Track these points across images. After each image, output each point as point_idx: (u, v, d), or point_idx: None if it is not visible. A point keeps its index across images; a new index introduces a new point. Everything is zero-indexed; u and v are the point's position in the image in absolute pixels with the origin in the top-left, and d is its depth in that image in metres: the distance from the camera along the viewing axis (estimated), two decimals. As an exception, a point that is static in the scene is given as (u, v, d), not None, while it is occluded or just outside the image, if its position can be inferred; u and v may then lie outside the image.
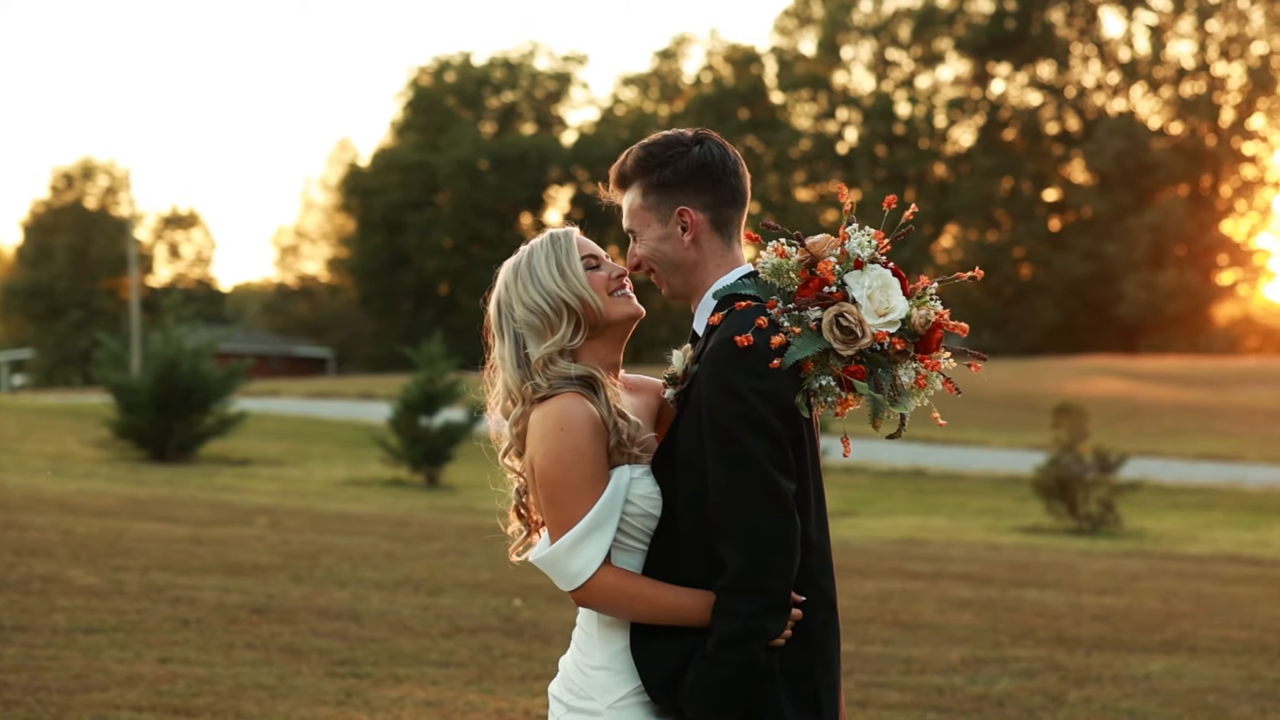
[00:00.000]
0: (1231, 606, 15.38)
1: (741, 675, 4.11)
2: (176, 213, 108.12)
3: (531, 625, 12.75)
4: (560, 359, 4.34)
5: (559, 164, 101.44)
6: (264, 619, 12.46)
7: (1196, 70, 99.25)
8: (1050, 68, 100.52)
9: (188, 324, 28.88)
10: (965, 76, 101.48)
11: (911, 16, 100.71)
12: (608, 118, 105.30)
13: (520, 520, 4.60)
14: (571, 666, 4.41)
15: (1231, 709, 10.74)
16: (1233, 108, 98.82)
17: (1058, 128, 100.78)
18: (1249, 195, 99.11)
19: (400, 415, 27.02)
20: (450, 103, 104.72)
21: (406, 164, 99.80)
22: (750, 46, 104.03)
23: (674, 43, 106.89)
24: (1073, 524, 24.20)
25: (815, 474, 4.29)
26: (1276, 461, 36.71)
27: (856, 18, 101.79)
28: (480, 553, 16.99)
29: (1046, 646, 12.77)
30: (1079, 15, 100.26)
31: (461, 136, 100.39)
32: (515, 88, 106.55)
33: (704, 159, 4.37)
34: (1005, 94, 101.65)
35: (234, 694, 9.98)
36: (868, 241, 4.28)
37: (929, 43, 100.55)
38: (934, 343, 4.28)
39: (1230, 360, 78.21)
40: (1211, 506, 28.63)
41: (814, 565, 4.25)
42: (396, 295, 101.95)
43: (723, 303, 4.29)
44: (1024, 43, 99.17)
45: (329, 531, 18.45)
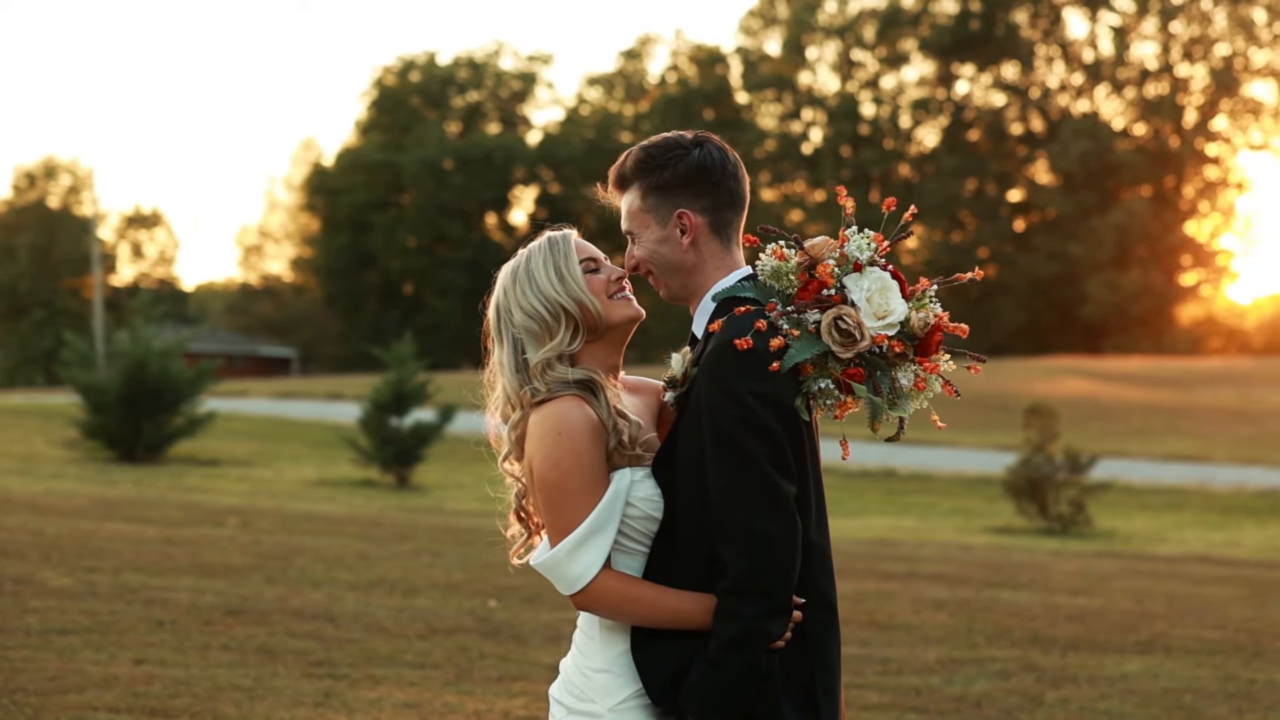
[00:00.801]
0: (1204, 607, 15.45)
1: (742, 677, 4.12)
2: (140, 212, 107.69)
3: (507, 626, 12.74)
4: (559, 363, 4.33)
5: (524, 164, 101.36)
6: (238, 620, 12.42)
7: (1160, 71, 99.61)
8: (1014, 68, 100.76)
9: (156, 324, 28.78)
10: (930, 77, 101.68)
11: (876, 17, 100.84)
12: (573, 118, 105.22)
13: (520, 523, 4.59)
14: (572, 669, 4.41)
15: (1208, 709, 10.77)
16: (1196, 109, 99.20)
17: (1022, 128, 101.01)
18: (1212, 196, 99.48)
19: (370, 416, 26.98)
20: (415, 102, 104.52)
21: (371, 163, 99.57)
22: (715, 47, 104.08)
23: (639, 43, 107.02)
24: (1043, 524, 24.28)
25: (815, 476, 4.29)
26: (1244, 462, 36.86)
27: (821, 18, 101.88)
28: (453, 553, 16.99)
29: (1022, 647, 12.80)
30: (1043, 16, 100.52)
31: (426, 136, 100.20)
32: (480, 87, 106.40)
33: (703, 162, 4.37)
34: (970, 95, 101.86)
35: (211, 695, 9.95)
36: (866, 244, 4.28)
37: (894, 43, 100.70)
38: (933, 345, 4.28)
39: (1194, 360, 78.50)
40: (1180, 507, 28.74)
41: (814, 567, 4.26)
42: (361, 295, 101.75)
43: (722, 305, 4.29)
44: (988, 44, 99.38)
45: (300, 532, 18.41)
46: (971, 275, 4.35)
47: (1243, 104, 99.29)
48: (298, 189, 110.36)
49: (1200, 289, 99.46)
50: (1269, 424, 46.50)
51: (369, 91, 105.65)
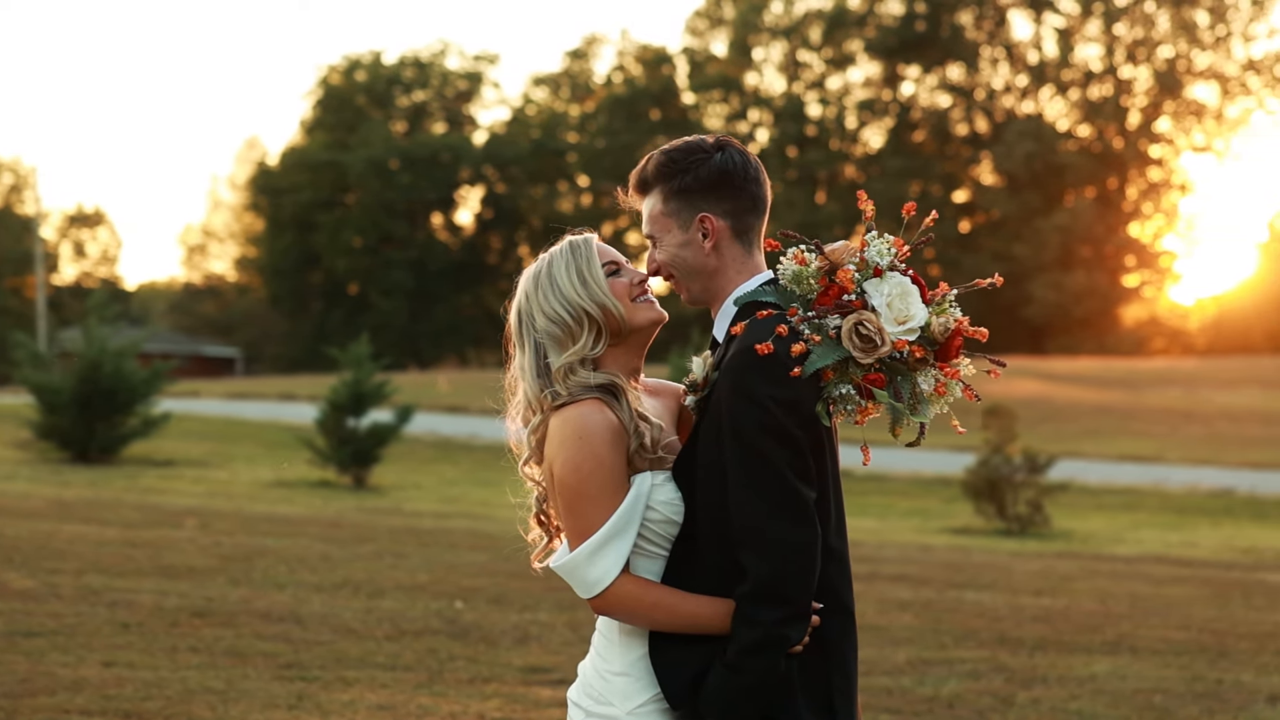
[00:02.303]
0: (1167, 607, 15.54)
1: (761, 683, 4.13)
2: (82, 211, 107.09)
3: (475, 628, 12.73)
4: (581, 368, 4.33)
5: (470, 164, 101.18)
6: (205, 622, 12.38)
7: (1103, 73, 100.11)
8: (960, 70, 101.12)
9: (110, 325, 28.62)
10: (875, 78, 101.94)
11: (822, 18, 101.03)
12: (519, 118, 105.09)
13: (541, 527, 4.58)
14: (591, 672, 4.42)
15: (1178, 710, 10.84)
16: (1139, 111, 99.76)
17: (967, 129, 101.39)
18: (1155, 198, 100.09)
19: (327, 416, 26.88)
20: (360, 101, 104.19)
21: (316, 163, 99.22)
22: (661, 47, 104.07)
23: (585, 43, 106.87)
24: (1001, 525, 24.39)
25: (835, 482, 4.31)
26: (1196, 462, 37.10)
27: (767, 19, 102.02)
28: (416, 555, 16.96)
29: (990, 648, 12.86)
30: (988, 18, 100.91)
31: (372, 135, 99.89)
32: (426, 87, 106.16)
33: (725, 166, 4.37)
34: (915, 96, 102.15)
35: (184, 698, 9.92)
36: (887, 249, 4.30)
37: (840, 44, 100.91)
38: (953, 350, 4.29)
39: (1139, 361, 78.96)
40: (1135, 507, 28.91)
41: (833, 573, 4.27)
42: (306, 295, 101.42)
43: (743, 310, 4.30)
44: (934, 45, 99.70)
45: (260, 533, 18.35)
46: (991, 281, 4.37)
47: (1185, 106, 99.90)
48: (242, 188, 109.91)
49: (1143, 290, 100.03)
50: (1218, 424, 46.81)
51: (314, 90, 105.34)
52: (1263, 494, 31.12)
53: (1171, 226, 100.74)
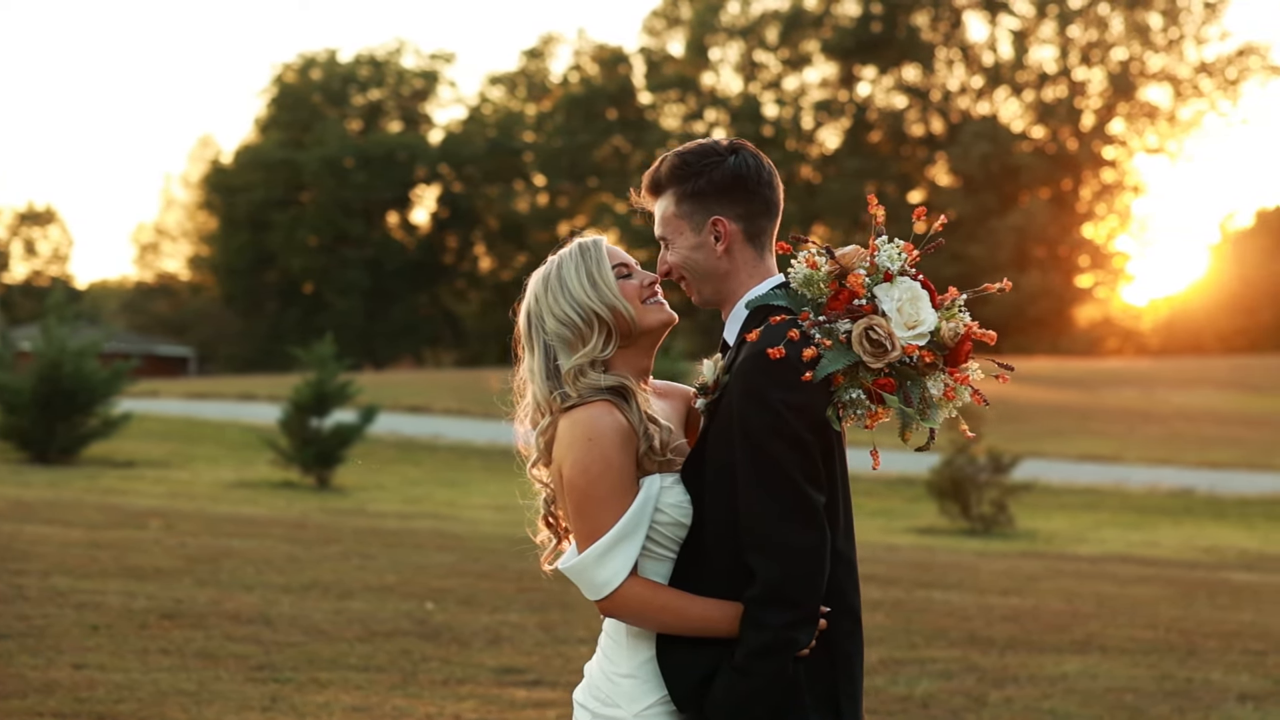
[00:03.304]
0: (1134, 606, 15.63)
1: (769, 686, 4.14)
2: (33, 209, 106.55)
3: (447, 629, 12.71)
4: (591, 370, 4.33)
5: (426, 162, 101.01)
6: (174, 624, 12.33)
7: (1058, 75, 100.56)
8: (915, 71, 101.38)
9: (69, 324, 28.44)
10: (832, 79, 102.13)
11: (779, 19, 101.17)
12: (475, 116, 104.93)
13: (549, 529, 4.58)
14: (598, 673, 4.41)
15: (1150, 709, 10.89)
16: (1093, 112, 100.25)
17: (923, 130, 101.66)
18: (1109, 199, 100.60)
19: (291, 417, 26.76)
20: (316, 100, 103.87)
21: (271, 161, 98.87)
22: (618, 47, 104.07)
23: (541, 42, 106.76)
24: (966, 525, 24.48)
25: (844, 486, 4.32)
26: (1155, 462, 37.31)
27: (724, 19, 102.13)
28: (383, 556, 16.92)
29: (961, 647, 12.90)
30: (944, 19, 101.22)
31: (327, 134, 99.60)
32: (382, 85, 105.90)
33: (739, 169, 4.38)
34: (871, 96, 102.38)
35: (156, 700, 9.88)
36: (897, 254, 4.31)
37: (796, 45, 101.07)
38: (963, 355, 4.30)
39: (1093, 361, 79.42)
40: (1097, 507, 29.06)
41: (840, 576, 4.28)
42: (261, 294, 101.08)
43: (755, 313, 4.30)
44: (890, 46, 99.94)
45: (225, 534, 18.27)
46: (1000, 286, 4.38)
47: (1139, 108, 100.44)
48: (195, 186, 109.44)
49: (1097, 291, 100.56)
50: (1175, 425, 47.09)
51: (269, 89, 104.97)
52: (1222, 494, 31.33)
53: (1125, 227, 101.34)
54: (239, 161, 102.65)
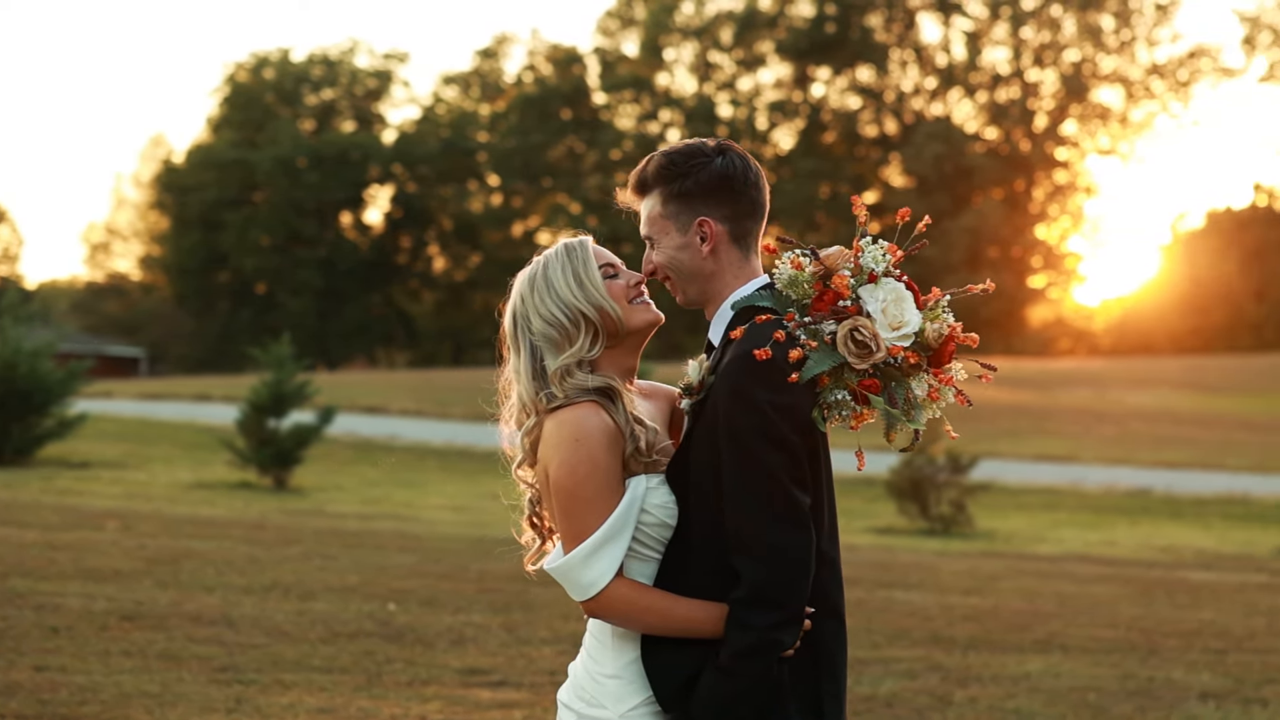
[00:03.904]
0: (1094, 606, 15.69)
1: (754, 687, 4.14)
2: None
3: (410, 630, 12.68)
4: (578, 370, 4.32)
5: (379, 162, 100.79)
6: (135, 626, 12.26)
7: (1011, 76, 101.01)
8: (869, 72, 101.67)
9: (24, 324, 28.25)
10: (786, 79, 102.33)
11: (733, 19, 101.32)
12: (429, 116, 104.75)
13: (534, 530, 4.57)
14: (583, 674, 4.41)
15: (1112, 707, 10.94)
16: (1046, 114, 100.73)
17: (876, 131, 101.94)
18: (1061, 200, 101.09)
19: (248, 417, 26.64)
20: (268, 99, 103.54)
21: (223, 161, 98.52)
22: (572, 47, 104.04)
23: (495, 42, 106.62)
24: (924, 524, 24.54)
25: (828, 487, 4.32)
26: (1111, 462, 37.50)
27: (679, 19, 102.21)
28: (344, 557, 16.87)
29: (924, 647, 12.93)
30: (897, 21, 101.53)
31: (280, 134, 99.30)
32: (335, 85, 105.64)
33: (726, 170, 4.37)
34: (825, 97, 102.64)
35: (119, 702, 9.83)
36: (881, 255, 4.32)
37: (750, 45, 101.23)
38: (946, 356, 4.32)
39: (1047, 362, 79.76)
40: (1055, 507, 29.19)
41: (825, 577, 4.29)
42: (213, 294, 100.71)
43: (740, 314, 4.30)
44: (844, 47, 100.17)
45: (184, 536, 18.19)
46: (984, 286, 4.40)
47: (1091, 109, 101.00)
48: (147, 186, 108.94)
49: (1049, 291, 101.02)
50: (1130, 424, 47.33)
51: (221, 88, 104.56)
52: (1178, 493, 31.54)
53: (1077, 228, 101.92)
54: (191, 161, 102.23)
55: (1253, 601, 16.44)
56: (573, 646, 12.25)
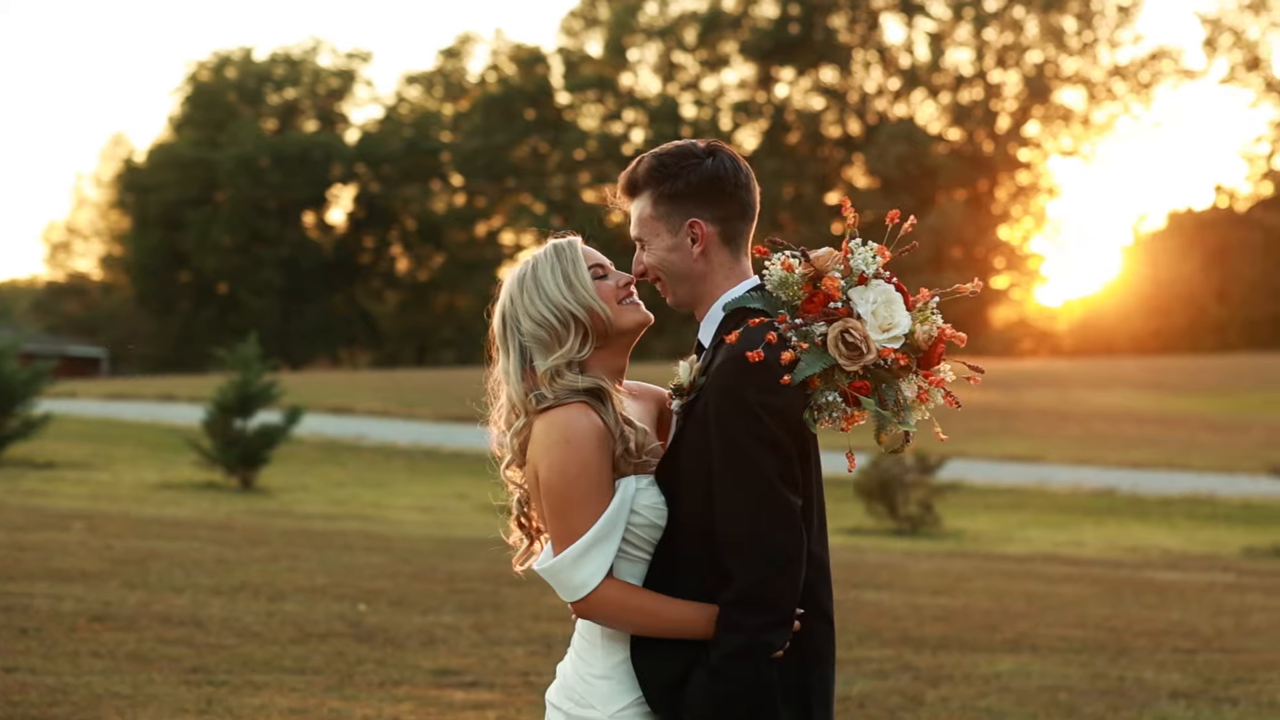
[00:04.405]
0: (1063, 605, 15.74)
1: (744, 688, 4.14)
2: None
3: (381, 631, 12.65)
4: (568, 371, 4.31)
5: (342, 162, 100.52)
6: (105, 627, 12.21)
7: (974, 77, 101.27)
8: (833, 73, 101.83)
9: (-3, 324, 28.17)
10: (750, 80, 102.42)
11: (697, 20, 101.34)
12: (392, 116, 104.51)
13: (521, 530, 4.56)
14: (572, 674, 4.40)
15: (1084, 707, 10.97)
16: (1009, 115, 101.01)
17: (840, 132, 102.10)
18: (1024, 201, 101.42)
19: (214, 418, 26.54)
20: (230, 98, 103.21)
21: (185, 160, 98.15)
22: (536, 47, 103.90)
23: (458, 41, 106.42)
24: (893, 525, 24.58)
25: (818, 489, 4.32)
26: (1076, 462, 37.65)
27: (642, 20, 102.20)
28: (313, 557, 16.83)
29: (894, 647, 12.95)
30: (861, 22, 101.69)
31: (242, 133, 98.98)
32: (298, 84, 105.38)
33: (717, 172, 4.37)
34: (789, 98, 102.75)
35: (91, 704, 9.79)
36: (871, 256, 4.32)
37: (714, 46, 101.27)
38: (935, 357, 4.33)
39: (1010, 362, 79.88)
40: (1021, 507, 29.29)
41: (813, 579, 4.29)
42: (174, 294, 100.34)
43: (732, 315, 4.30)
44: (807, 48, 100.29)
45: (151, 536, 18.12)
46: (972, 287, 4.41)
47: (1053, 110, 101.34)
48: (107, 185, 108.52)
49: (1012, 292, 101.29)
50: (1094, 425, 47.50)
51: (183, 87, 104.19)
52: (1144, 493, 31.70)
53: (1039, 229, 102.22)
54: (152, 160, 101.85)
55: (1220, 601, 16.51)
56: (544, 647, 12.24)
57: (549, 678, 11.09)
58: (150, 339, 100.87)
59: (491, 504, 4.53)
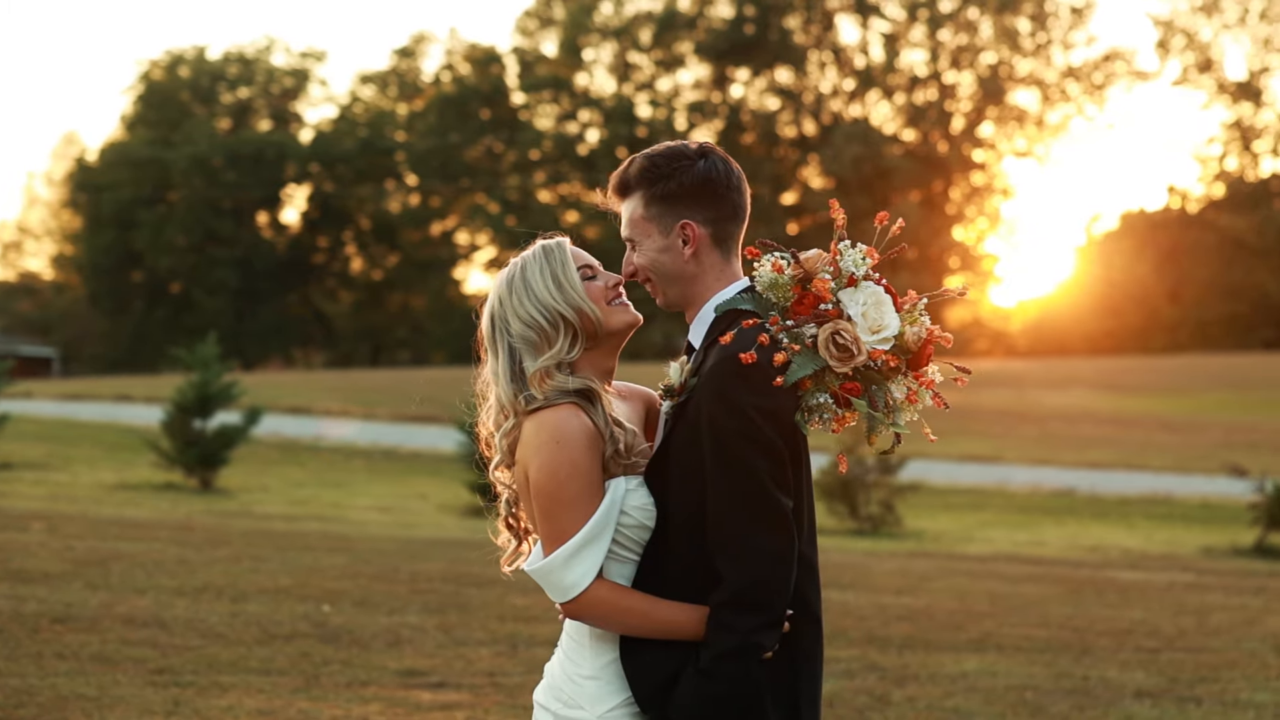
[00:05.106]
0: (1026, 605, 15.79)
1: (733, 689, 4.16)
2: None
3: (346, 631, 12.62)
4: (558, 372, 4.32)
5: (296, 161, 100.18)
6: (68, 628, 12.14)
7: (928, 78, 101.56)
8: (788, 73, 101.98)
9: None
10: (705, 80, 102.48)
11: (652, 20, 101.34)
12: (346, 115, 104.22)
13: (509, 531, 4.55)
14: (561, 675, 4.41)
15: (1050, 706, 11.01)
16: (963, 116, 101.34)
17: (795, 132, 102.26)
18: (978, 201, 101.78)
19: (173, 418, 26.39)
20: (184, 97, 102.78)
21: (138, 159, 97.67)
22: (491, 46, 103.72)
23: (413, 41, 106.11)
24: (854, 525, 24.62)
25: (808, 490, 4.34)
26: (1035, 462, 37.81)
27: (598, 20, 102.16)
28: (275, 558, 16.75)
29: (860, 647, 12.97)
30: (816, 22, 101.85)
31: (195, 132, 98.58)
32: (251, 83, 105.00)
33: (709, 173, 4.38)
34: (744, 98, 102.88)
35: (57, 705, 9.74)
36: (860, 258, 4.33)
37: (670, 46, 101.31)
38: (924, 358, 4.35)
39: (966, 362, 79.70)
40: (981, 507, 29.39)
41: (803, 581, 4.30)
42: (127, 294, 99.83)
43: (724, 317, 4.30)
44: (762, 48, 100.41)
45: (112, 537, 18.02)
46: (960, 289, 4.44)
47: (1008, 111, 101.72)
48: (59, 184, 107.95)
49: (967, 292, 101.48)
50: (1051, 425, 47.70)
51: (135, 86, 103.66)
52: (1103, 493, 31.88)
53: (994, 230, 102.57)
54: (105, 159, 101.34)
55: (1181, 601, 16.60)
56: (509, 648, 12.23)
57: (515, 678, 11.12)
58: (103, 339, 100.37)
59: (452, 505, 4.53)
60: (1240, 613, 15.80)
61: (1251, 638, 14.14)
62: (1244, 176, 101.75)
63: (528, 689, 10.79)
